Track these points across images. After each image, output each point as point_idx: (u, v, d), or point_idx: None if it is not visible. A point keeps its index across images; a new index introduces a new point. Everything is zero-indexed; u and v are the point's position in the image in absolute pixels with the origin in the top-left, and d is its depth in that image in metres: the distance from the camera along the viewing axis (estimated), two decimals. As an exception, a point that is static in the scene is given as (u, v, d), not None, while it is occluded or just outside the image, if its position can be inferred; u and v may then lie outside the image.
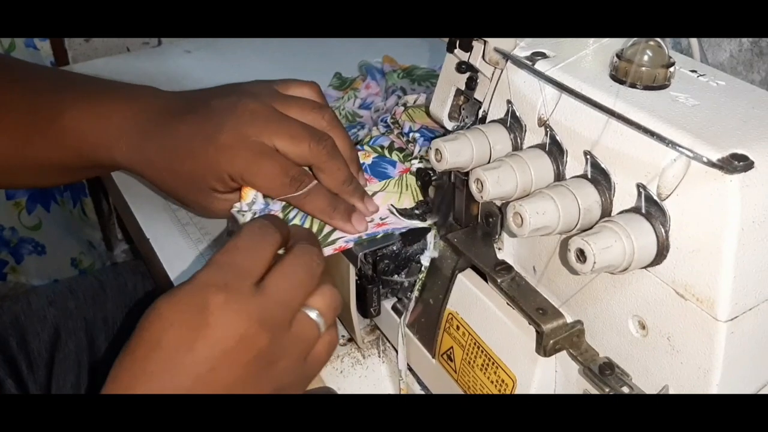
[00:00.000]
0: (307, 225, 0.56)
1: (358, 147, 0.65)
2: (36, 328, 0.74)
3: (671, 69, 0.41)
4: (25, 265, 1.28)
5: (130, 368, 0.39)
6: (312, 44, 1.06)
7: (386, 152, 0.63)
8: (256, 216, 0.54)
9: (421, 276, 0.55)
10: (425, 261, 0.55)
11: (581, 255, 0.35)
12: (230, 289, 0.39)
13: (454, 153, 0.44)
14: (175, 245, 0.72)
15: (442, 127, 0.57)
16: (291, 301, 0.42)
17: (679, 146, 0.35)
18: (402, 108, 0.66)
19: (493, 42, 0.46)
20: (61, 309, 0.76)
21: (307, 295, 0.43)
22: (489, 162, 0.45)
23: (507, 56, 0.44)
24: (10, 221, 1.22)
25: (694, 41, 0.52)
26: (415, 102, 0.68)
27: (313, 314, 0.43)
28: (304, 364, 0.43)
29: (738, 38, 0.84)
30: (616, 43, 0.43)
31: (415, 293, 0.56)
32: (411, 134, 0.63)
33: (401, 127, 0.64)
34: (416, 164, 0.61)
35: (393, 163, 0.62)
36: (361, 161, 0.61)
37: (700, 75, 0.43)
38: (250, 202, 0.55)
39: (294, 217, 0.56)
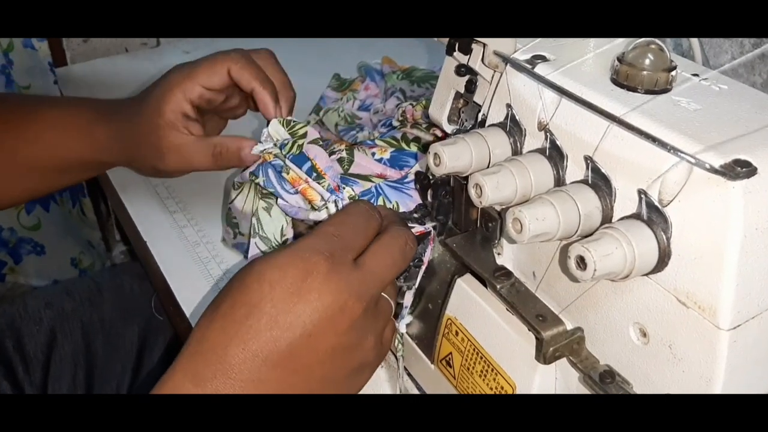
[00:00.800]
0: None
1: (369, 142, 0.65)
2: (32, 330, 0.74)
3: (673, 73, 0.40)
4: (24, 266, 1.28)
5: (225, 329, 0.39)
6: (311, 44, 1.06)
7: (403, 144, 0.62)
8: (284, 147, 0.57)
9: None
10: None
11: (581, 262, 0.35)
12: (335, 260, 0.41)
13: (453, 157, 0.43)
14: (172, 248, 0.72)
15: (442, 130, 0.56)
16: (384, 279, 0.44)
17: (681, 152, 0.34)
18: (410, 105, 0.65)
19: (493, 45, 0.45)
20: (58, 311, 0.76)
21: (396, 276, 0.46)
22: (488, 167, 0.44)
23: (507, 60, 0.44)
24: (9, 221, 1.22)
25: (695, 43, 0.52)
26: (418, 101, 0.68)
27: (388, 296, 0.46)
28: (381, 344, 0.45)
29: (739, 41, 0.84)
30: (617, 47, 0.43)
31: (411, 297, 0.55)
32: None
33: (413, 119, 0.64)
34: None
35: (414, 155, 0.62)
36: (379, 156, 0.61)
37: (702, 79, 0.42)
38: (265, 138, 0.57)
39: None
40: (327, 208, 0.55)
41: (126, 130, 0.63)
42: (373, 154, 0.63)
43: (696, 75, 0.43)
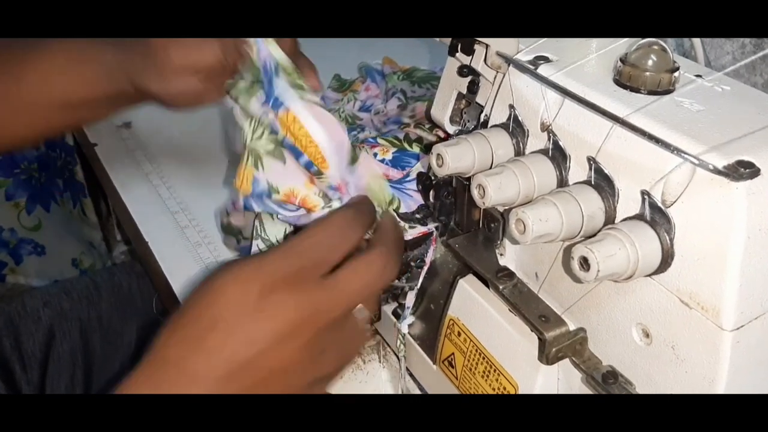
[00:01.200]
0: None
1: (370, 140, 0.65)
2: (30, 328, 0.74)
3: (675, 74, 0.40)
4: (25, 266, 1.28)
5: (185, 340, 0.39)
6: (310, 45, 1.06)
7: (405, 144, 0.62)
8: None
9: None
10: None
11: (585, 263, 0.35)
12: (299, 277, 0.40)
13: (456, 158, 0.43)
14: (174, 248, 0.72)
15: (444, 130, 0.57)
16: (353, 301, 0.42)
17: (685, 153, 0.34)
18: (420, 103, 0.65)
19: (496, 46, 0.45)
20: (56, 309, 0.76)
21: (369, 298, 0.44)
22: (491, 167, 0.44)
23: (509, 60, 0.44)
24: (10, 222, 1.22)
25: (697, 44, 0.52)
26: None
27: (362, 317, 0.44)
28: (343, 358, 0.44)
29: (741, 41, 0.84)
30: (619, 48, 0.43)
31: (414, 297, 0.55)
32: None
33: (423, 117, 0.64)
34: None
35: (416, 156, 0.61)
36: (381, 157, 0.60)
37: (705, 80, 0.42)
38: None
39: None
40: (330, 208, 0.54)
41: (134, 49, 0.56)
42: (375, 154, 0.63)
43: (699, 76, 0.43)
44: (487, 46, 0.46)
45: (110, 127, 0.93)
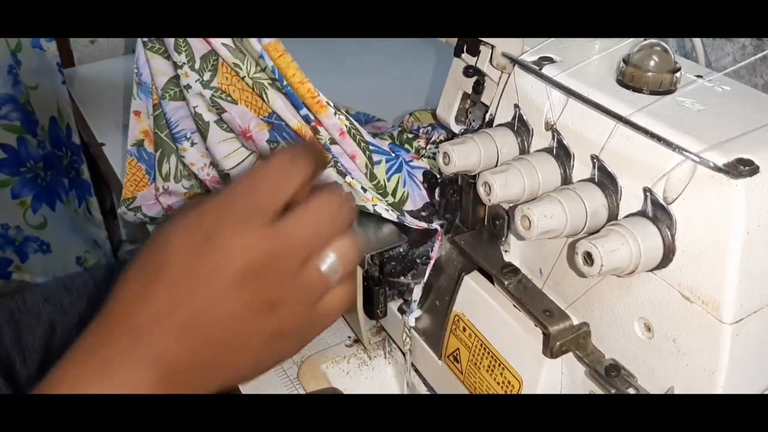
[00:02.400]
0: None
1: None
2: (31, 324, 0.75)
3: (677, 74, 0.41)
4: (30, 264, 1.29)
5: (132, 291, 0.38)
6: (315, 45, 1.07)
7: (397, 140, 0.63)
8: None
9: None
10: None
11: (588, 258, 0.36)
12: (243, 223, 0.37)
13: (462, 156, 0.44)
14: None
15: (449, 130, 0.57)
16: (303, 247, 0.39)
17: (686, 151, 0.35)
18: (408, 115, 0.66)
19: (501, 47, 0.46)
20: (56, 305, 0.77)
21: (323, 245, 0.40)
22: (496, 165, 0.45)
23: (514, 61, 0.45)
24: (15, 220, 1.22)
25: (698, 45, 0.53)
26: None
27: (324, 265, 0.40)
28: (310, 313, 0.41)
29: (741, 42, 0.85)
30: (622, 48, 0.44)
31: (420, 292, 0.56)
32: (422, 129, 0.64)
33: (409, 128, 0.65)
34: (432, 148, 0.61)
35: (407, 151, 0.62)
36: (377, 145, 0.61)
37: (706, 80, 0.43)
38: None
39: None
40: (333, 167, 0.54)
41: None
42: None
43: (700, 76, 0.44)
44: (492, 47, 0.47)
45: (117, 126, 0.94)
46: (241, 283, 0.37)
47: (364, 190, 0.52)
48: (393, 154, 0.57)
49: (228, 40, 0.53)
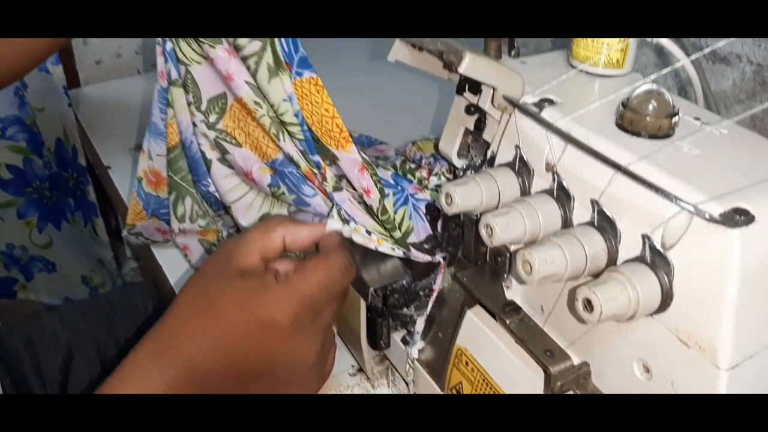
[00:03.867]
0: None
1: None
2: (50, 350, 0.76)
3: (675, 118, 0.42)
4: (36, 283, 1.29)
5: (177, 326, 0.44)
6: (321, 44, 1.08)
7: (399, 171, 0.64)
8: None
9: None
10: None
11: (588, 304, 0.37)
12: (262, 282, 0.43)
13: (464, 197, 0.45)
14: (186, 269, 0.74)
15: (450, 163, 0.58)
16: (311, 296, 0.44)
17: (683, 201, 0.36)
18: (410, 144, 0.67)
19: (502, 89, 0.47)
20: (74, 330, 0.78)
21: (328, 297, 0.45)
22: (498, 205, 0.46)
23: (515, 104, 0.46)
24: (21, 240, 1.23)
25: (697, 85, 0.54)
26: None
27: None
28: (296, 379, 0.45)
29: (741, 67, 0.86)
30: (622, 92, 0.45)
31: (423, 323, 0.57)
32: (424, 160, 0.64)
33: (412, 158, 0.66)
34: (435, 181, 0.62)
35: (409, 182, 0.63)
36: (381, 176, 0.62)
37: (704, 123, 0.44)
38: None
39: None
40: (336, 215, 0.54)
41: None
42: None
43: (698, 119, 0.45)
44: (494, 88, 0.48)
45: (123, 149, 0.95)
46: (247, 338, 0.42)
47: (369, 233, 0.53)
48: (399, 187, 0.58)
49: (251, 79, 0.54)
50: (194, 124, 0.59)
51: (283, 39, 0.50)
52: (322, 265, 0.44)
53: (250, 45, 0.51)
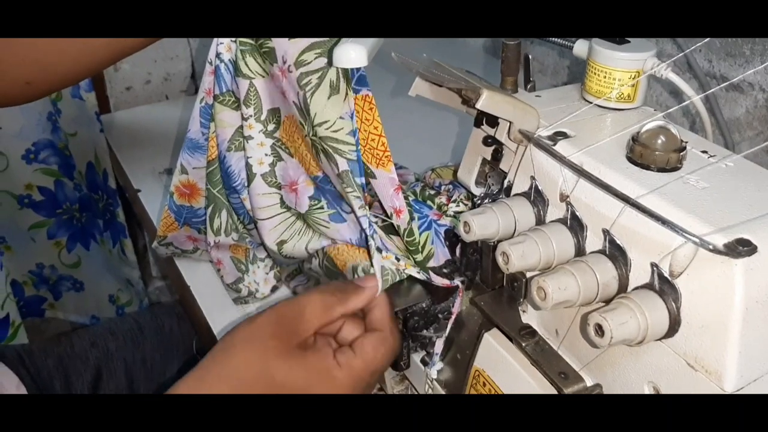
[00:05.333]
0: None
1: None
2: (79, 369, 0.79)
3: (683, 153, 0.44)
4: (64, 302, 1.33)
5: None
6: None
7: (420, 197, 0.67)
8: None
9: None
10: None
11: (599, 329, 0.39)
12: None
13: (482, 226, 0.48)
14: (213, 290, 0.76)
15: (469, 191, 0.61)
16: (359, 373, 0.49)
17: (689, 233, 0.38)
18: (430, 171, 0.70)
19: (518, 123, 0.49)
20: (103, 350, 0.80)
21: (369, 379, 0.50)
22: (514, 234, 0.49)
23: (530, 138, 0.48)
24: (51, 260, 1.27)
25: (706, 119, 0.56)
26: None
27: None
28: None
29: (753, 96, 0.88)
30: (633, 127, 0.47)
31: (442, 345, 0.59)
32: (443, 187, 0.67)
33: (431, 184, 0.68)
34: (454, 207, 0.64)
35: (429, 207, 0.66)
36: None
37: (711, 155, 0.46)
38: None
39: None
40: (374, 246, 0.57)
41: None
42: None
43: (705, 152, 0.47)
44: (510, 122, 0.50)
45: (153, 173, 0.99)
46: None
47: (398, 259, 0.56)
48: (422, 212, 0.61)
49: (297, 99, 0.56)
50: (248, 138, 0.61)
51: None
52: (380, 350, 0.49)
53: (316, 61, 0.53)
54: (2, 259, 1.00)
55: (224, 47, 0.60)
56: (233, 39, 0.59)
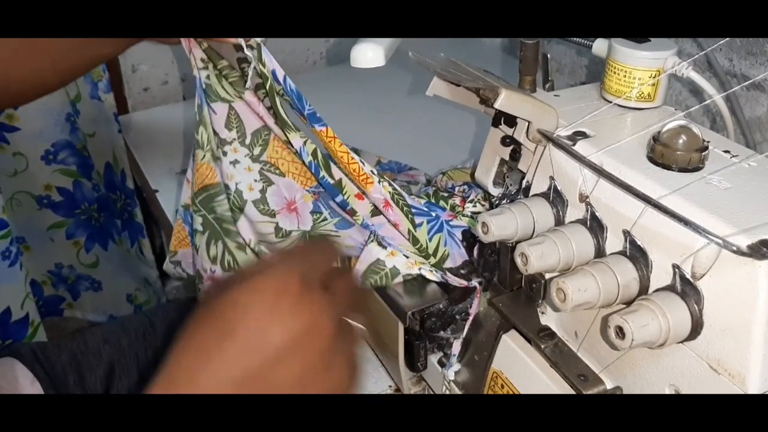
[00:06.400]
0: None
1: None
2: (92, 364, 0.79)
3: (705, 152, 0.44)
4: (82, 301, 1.34)
5: (198, 355, 0.40)
6: (358, 92, 1.11)
7: (432, 199, 0.67)
8: None
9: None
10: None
11: (620, 332, 0.38)
12: (306, 281, 0.41)
13: (500, 227, 0.47)
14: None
15: (486, 191, 0.60)
16: (347, 303, 0.45)
17: (712, 234, 0.37)
18: (441, 175, 0.69)
19: (537, 123, 0.49)
20: (115, 346, 0.81)
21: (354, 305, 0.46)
22: (533, 235, 0.48)
23: (549, 138, 0.48)
24: (69, 259, 1.28)
25: (724, 110, 0.55)
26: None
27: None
28: (352, 368, 0.44)
29: (775, 95, 0.86)
30: (653, 127, 0.46)
31: (459, 346, 0.59)
32: (457, 188, 0.67)
33: (444, 187, 0.68)
34: (470, 207, 0.64)
35: (443, 209, 0.66)
36: (413, 204, 0.64)
37: (733, 156, 0.46)
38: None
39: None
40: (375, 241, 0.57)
41: None
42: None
43: (727, 152, 0.46)
44: (528, 122, 0.50)
45: (170, 173, 0.99)
46: (302, 345, 0.40)
47: (406, 257, 0.55)
48: (433, 214, 0.60)
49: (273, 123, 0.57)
50: (235, 162, 0.61)
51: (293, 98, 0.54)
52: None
53: (266, 100, 0.55)
54: (22, 258, 1.01)
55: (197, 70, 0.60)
56: (204, 65, 0.59)
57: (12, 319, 1.01)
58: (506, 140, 0.54)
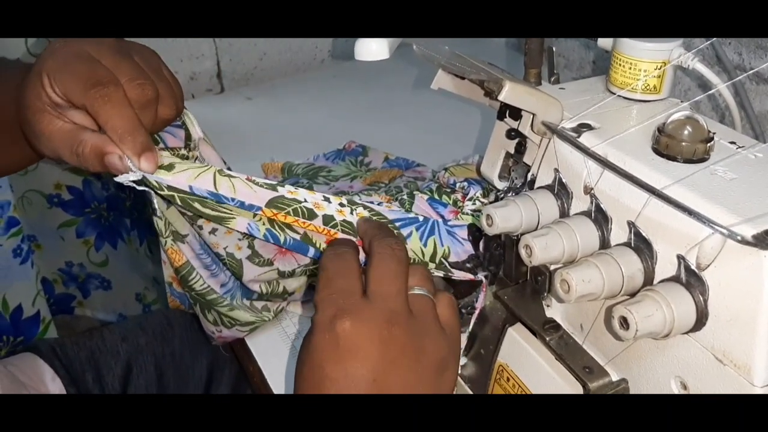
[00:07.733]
0: None
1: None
2: (110, 362, 0.80)
3: (710, 143, 0.44)
4: (92, 300, 1.35)
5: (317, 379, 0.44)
6: (364, 89, 1.11)
7: (436, 194, 0.66)
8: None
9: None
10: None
11: (624, 322, 0.38)
12: (347, 311, 0.44)
13: (505, 219, 0.47)
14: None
15: (492, 185, 0.60)
16: (398, 291, 0.46)
17: (716, 224, 0.37)
18: (443, 171, 0.69)
19: (541, 115, 0.49)
20: (133, 345, 0.81)
21: (406, 278, 0.47)
22: (537, 227, 0.48)
23: (553, 130, 0.48)
24: (79, 258, 1.29)
25: (731, 101, 0.55)
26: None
27: (419, 291, 0.48)
28: (444, 333, 0.47)
29: (784, 88, 0.86)
30: (658, 118, 0.46)
31: (465, 340, 0.58)
32: (459, 184, 0.66)
33: (446, 183, 0.68)
34: (470, 205, 0.63)
35: (444, 205, 0.65)
36: (399, 217, 0.63)
37: (739, 147, 0.45)
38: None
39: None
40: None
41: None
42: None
43: (733, 143, 0.46)
44: (533, 114, 0.50)
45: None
46: (386, 362, 0.44)
47: None
48: (420, 218, 0.59)
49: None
50: (213, 231, 0.59)
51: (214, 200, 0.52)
52: (383, 262, 0.47)
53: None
54: (33, 257, 1.02)
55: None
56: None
57: (23, 316, 1.02)
58: (511, 133, 0.54)
